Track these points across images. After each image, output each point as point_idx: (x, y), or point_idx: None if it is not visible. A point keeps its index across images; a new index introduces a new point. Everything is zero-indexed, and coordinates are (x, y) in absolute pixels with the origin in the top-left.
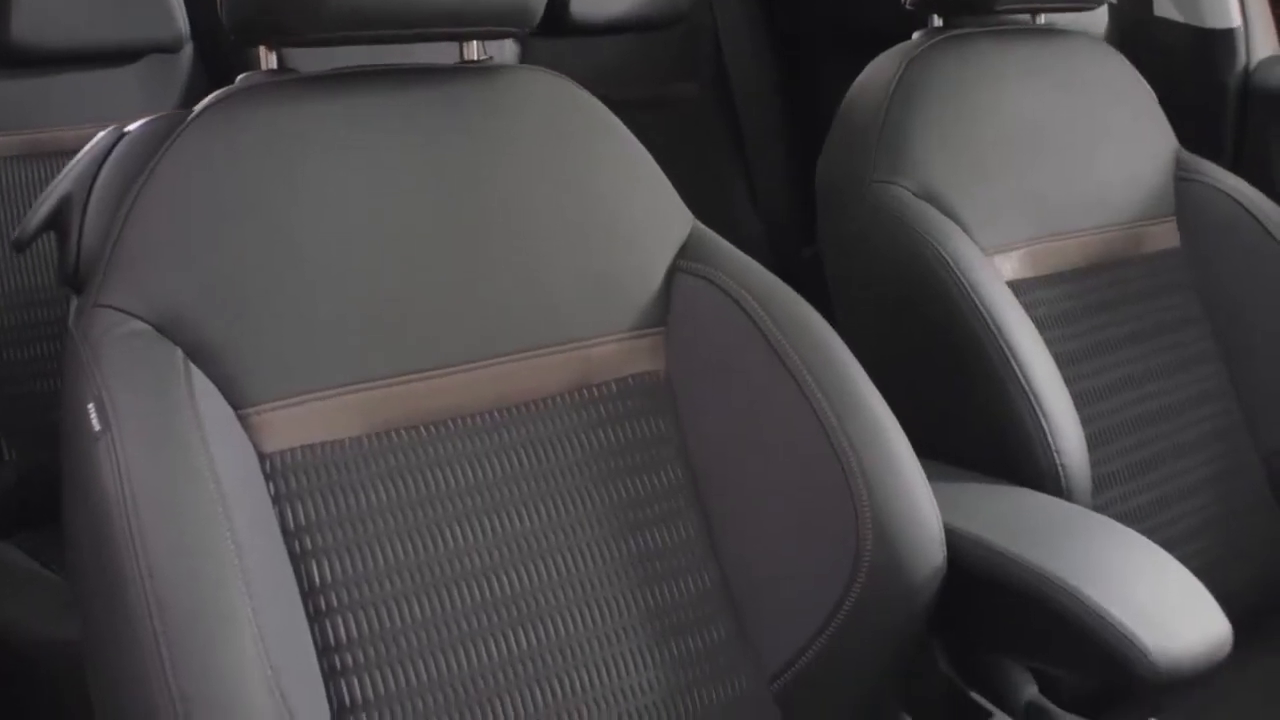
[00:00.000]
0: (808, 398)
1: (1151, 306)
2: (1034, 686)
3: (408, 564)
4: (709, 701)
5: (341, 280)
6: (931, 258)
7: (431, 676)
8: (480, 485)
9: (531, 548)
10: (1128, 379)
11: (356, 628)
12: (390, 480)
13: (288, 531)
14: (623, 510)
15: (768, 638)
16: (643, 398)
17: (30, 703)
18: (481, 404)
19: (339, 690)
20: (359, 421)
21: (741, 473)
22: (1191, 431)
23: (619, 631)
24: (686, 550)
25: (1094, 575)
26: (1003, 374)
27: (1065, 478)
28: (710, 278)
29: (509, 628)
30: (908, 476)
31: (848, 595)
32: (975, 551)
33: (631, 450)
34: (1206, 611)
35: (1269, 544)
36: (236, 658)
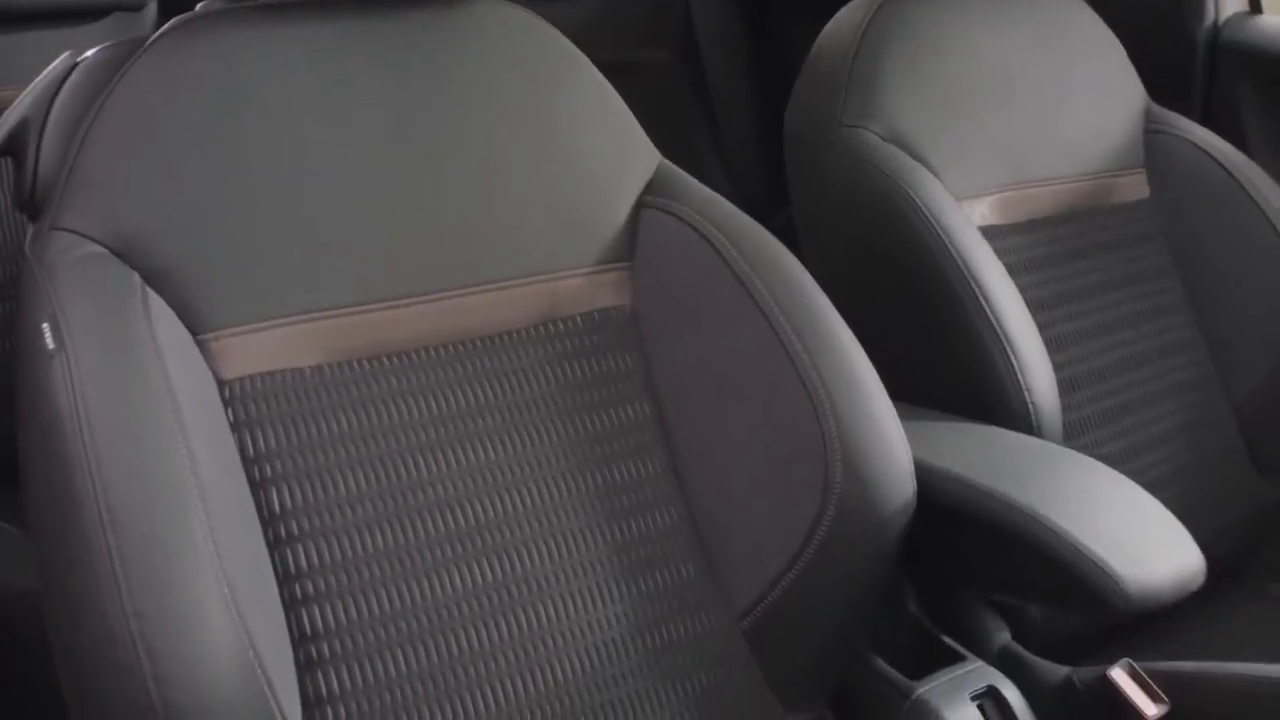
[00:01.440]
0: (776, 332)
1: (1121, 256)
2: (1006, 633)
3: (369, 494)
4: (677, 636)
5: (300, 207)
6: (901, 200)
7: (394, 607)
8: (444, 417)
9: (496, 480)
10: (1098, 327)
11: (317, 556)
12: (352, 410)
13: (247, 458)
14: (589, 444)
15: (737, 574)
16: (609, 332)
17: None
18: (445, 336)
19: (299, 619)
20: (320, 350)
21: (709, 408)
22: (1162, 381)
23: (586, 565)
24: (653, 485)
25: (1065, 506)
26: (973, 314)
27: (1036, 417)
28: (678, 213)
29: (473, 559)
30: (877, 410)
31: (817, 529)
32: (945, 485)
33: (597, 385)
34: (1179, 541)
35: (1241, 493)
36: (193, 575)
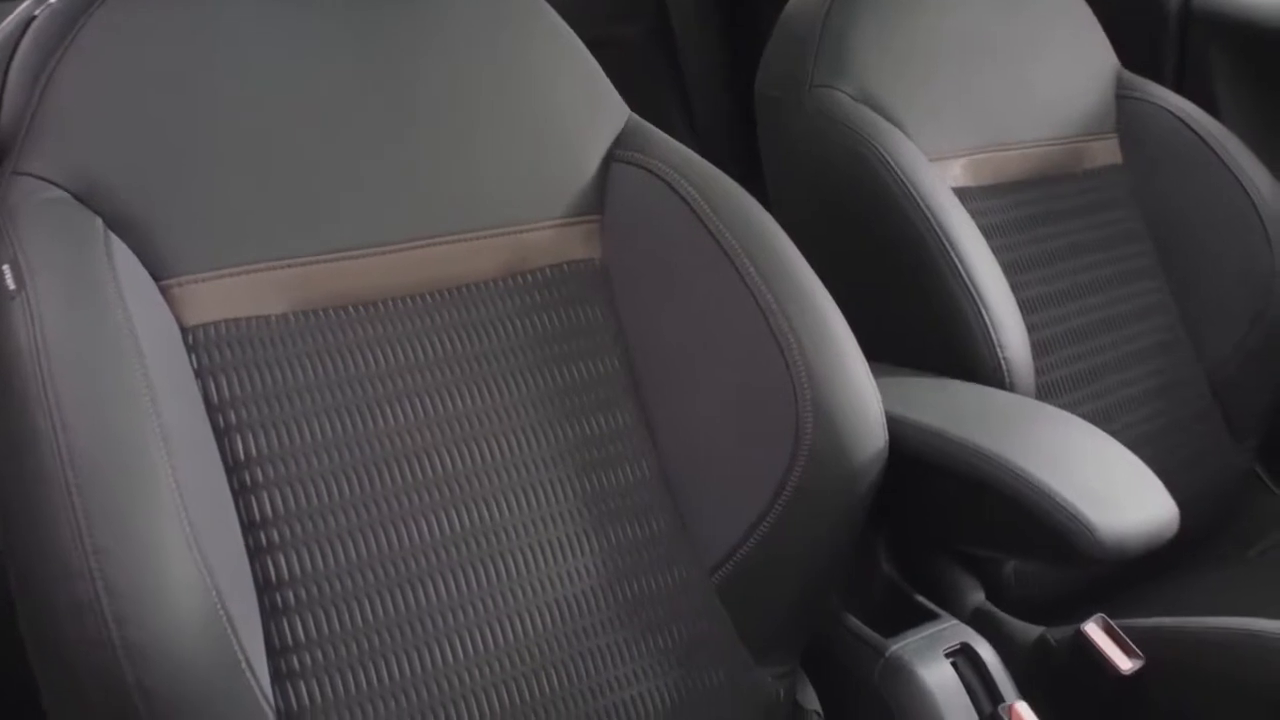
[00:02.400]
0: (747, 283)
1: (1093, 221)
2: (980, 593)
3: (336, 442)
4: (649, 590)
5: (267, 154)
6: (873, 159)
7: (360, 555)
8: (411, 367)
9: (463, 431)
10: (1070, 290)
11: (282, 503)
12: (318, 358)
13: (211, 405)
14: (558, 396)
15: (708, 527)
16: (578, 285)
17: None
18: (412, 286)
19: (264, 566)
20: (285, 298)
21: (680, 361)
22: (1135, 344)
23: (555, 517)
24: (623, 438)
25: (1038, 456)
26: (946, 272)
27: (1009, 374)
28: (648, 166)
29: (440, 509)
30: (848, 361)
31: (788, 480)
32: (917, 436)
33: (567, 337)
34: (1152, 491)
35: (1215, 456)
36: (153, 512)
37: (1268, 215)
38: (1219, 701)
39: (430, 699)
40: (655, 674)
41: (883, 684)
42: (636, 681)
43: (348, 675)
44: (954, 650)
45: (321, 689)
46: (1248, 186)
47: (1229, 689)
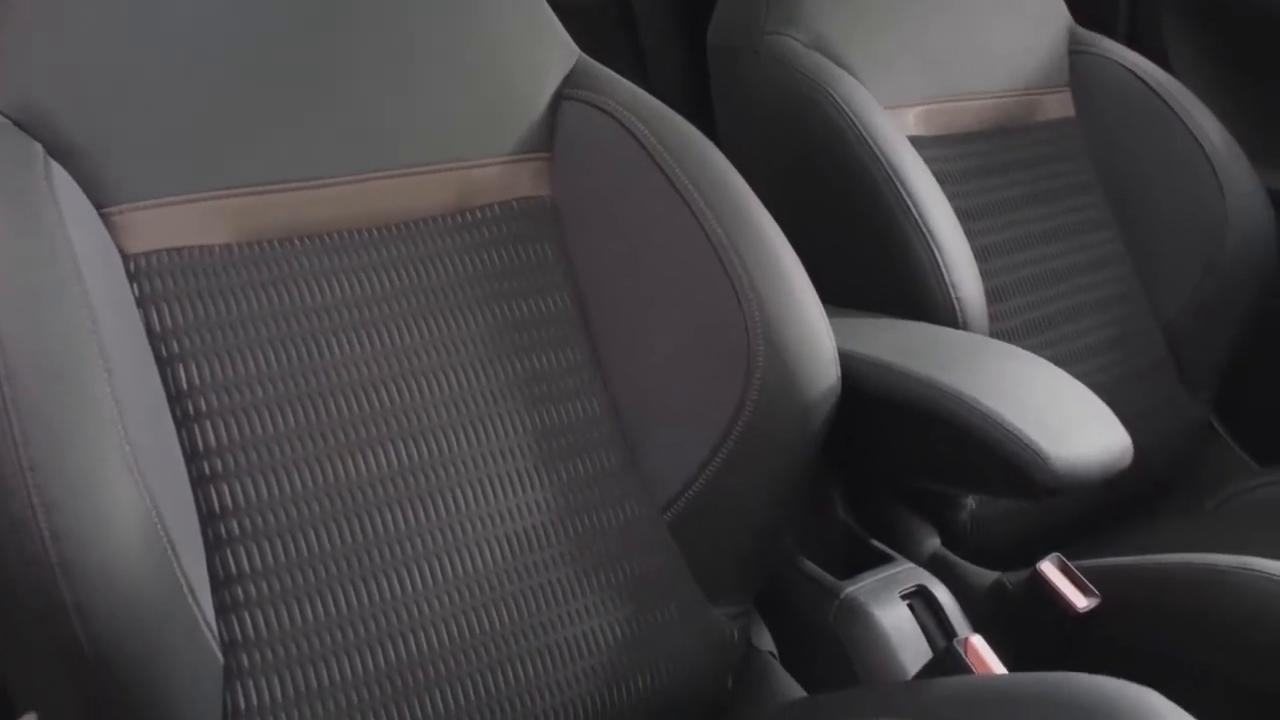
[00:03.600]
0: (698, 218)
1: (1047, 172)
2: (936, 539)
3: (280, 373)
4: (600, 526)
5: (209, 84)
6: (826, 104)
7: (306, 486)
8: (358, 300)
9: (411, 364)
10: (1024, 239)
11: (226, 433)
12: (263, 289)
13: (153, 334)
14: (507, 332)
15: (660, 464)
16: (527, 222)
17: None
18: (359, 219)
19: (208, 496)
20: (229, 228)
21: (631, 298)
22: (1089, 294)
23: (504, 452)
24: (574, 375)
25: (990, 387)
26: (898, 213)
27: (963, 314)
28: (599, 104)
29: (387, 442)
30: (800, 295)
31: (740, 415)
32: (870, 371)
33: (516, 274)
34: (1105, 421)
35: (1170, 407)
36: (91, 430)
37: (1219, 165)
38: (1175, 637)
39: (379, 631)
40: (607, 610)
41: (838, 625)
42: (588, 617)
43: (294, 607)
44: (910, 592)
45: (267, 620)
46: (1199, 137)
47: (1185, 624)
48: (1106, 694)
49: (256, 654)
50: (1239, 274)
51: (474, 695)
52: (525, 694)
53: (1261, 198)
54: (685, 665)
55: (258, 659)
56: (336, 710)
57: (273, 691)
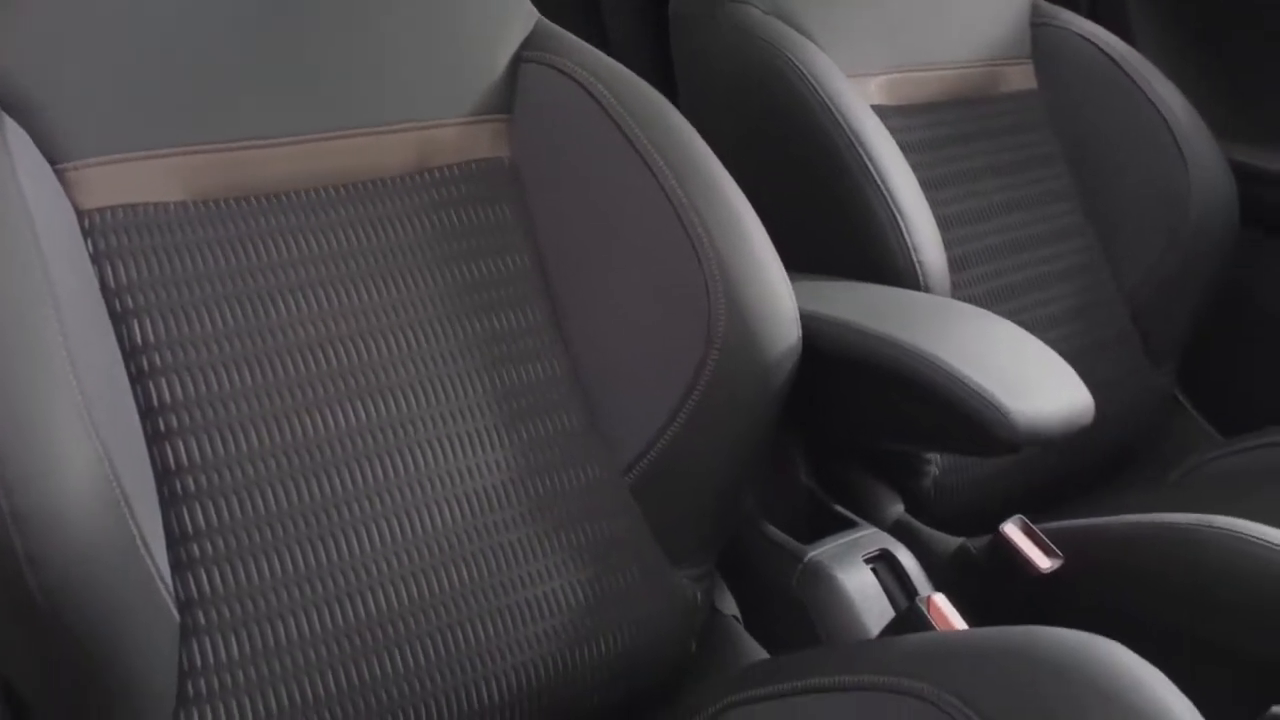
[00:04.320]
0: (658, 178)
1: (1009, 143)
2: (900, 505)
3: (236, 330)
4: (561, 487)
5: (166, 41)
6: (788, 70)
7: (263, 443)
8: (315, 258)
9: (368, 323)
10: (986, 209)
11: (181, 390)
12: (219, 246)
13: (108, 290)
14: (466, 292)
15: (621, 425)
16: (486, 183)
17: None
18: (315, 179)
19: (163, 453)
20: (185, 186)
21: (591, 259)
22: (1051, 264)
23: (464, 411)
24: (534, 335)
25: (951, 345)
26: (859, 176)
27: (924, 275)
28: (559, 66)
29: (345, 400)
30: (760, 254)
31: (700, 375)
32: (830, 331)
33: (475, 234)
34: (1067, 379)
35: (1134, 379)
36: (43, 379)
37: (1182, 137)
38: (1139, 596)
39: (336, 590)
40: (567, 571)
41: (801, 589)
42: (548, 578)
43: (250, 564)
44: (873, 556)
45: (223, 577)
46: (1162, 109)
47: (1149, 583)
48: (1070, 646)
49: (213, 611)
50: (1202, 245)
51: (433, 654)
52: (485, 654)
53: (1224, 169)
54: (648, 627)
55: (214, 616)
56: (294, 668)
57: (229, 648)
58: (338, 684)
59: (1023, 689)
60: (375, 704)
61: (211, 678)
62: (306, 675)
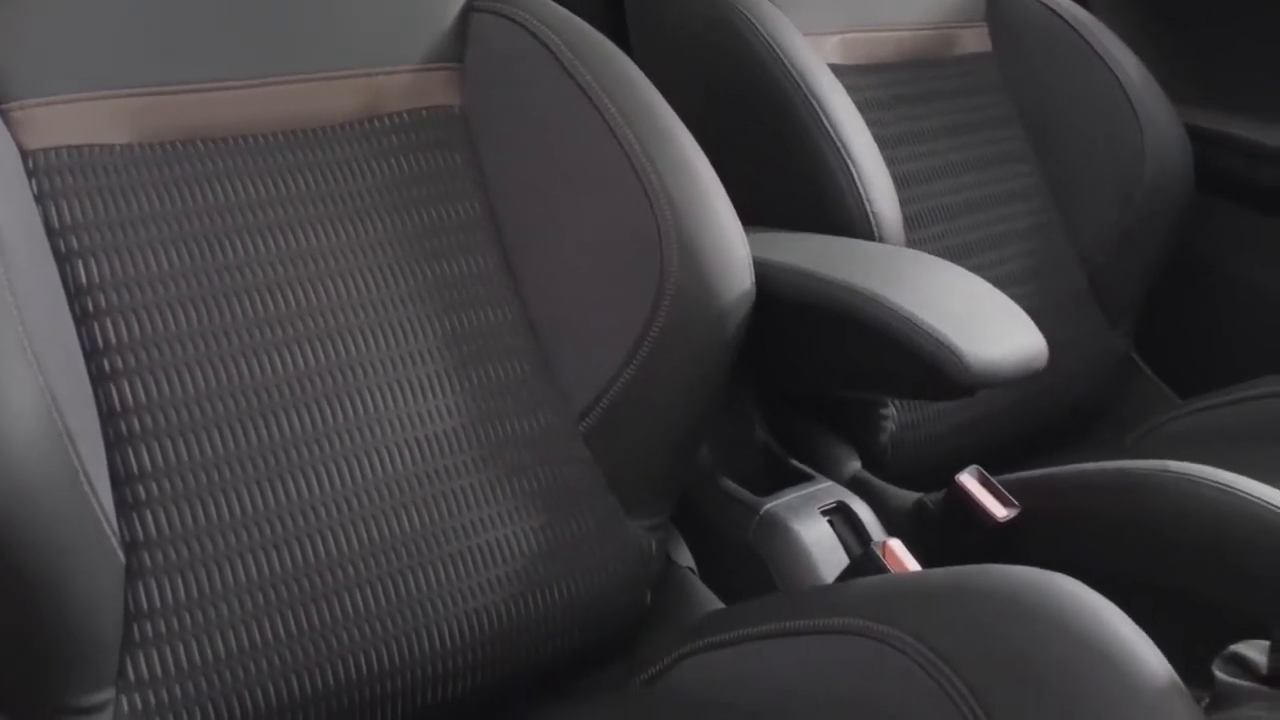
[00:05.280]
0: (611, 126)
1: (964, 104)
2: (857, 462)
3: (183, 271)
4: (513, 433)
5: None
6: (741, 26)
7: (210, 386)
8: (261, 202)
9: (318, 267)
10: (942, 168)
11: (127, 330)
12: (164, 188)
13: (52, 230)
14: (416, 238)
15: (574, 373)
16: (436, 130)
17: None
18: (263, 123)
19: (108, 393)
20: (132, 128)
21: (543, 206)
22: (1008, 224)
23: (414, 356)
24: (485, 282)
25: (905, 289)
26: (812, 129)
27: (878, 225)
28: (510, 15)
29: (292, 344)
30: (712, 199)
31: (654, 321)
32: (784, 278)
33: (424, 180)
34: (1021, 324)
35: (1091, 340)
36: None
37: (1136, 100)
38: (1097, 543)
39: (285, 533)
40: (521, 517)
41: (757, 541)
42: (501, 524)
43: (197, 506)
44: (830, 508)
45: (170, 519)
46: (1117, 72)
47: (1106, 530)
48: (1025, 582)
49: (159, 553)
50: (1157, 207)
51: (385, 599)
52: (438, 599)
53: (1179, 131)
54: (602, 576)
55: (160, 558)
56: (242, 612)
57: (175, 591)
58: (287, 629)
59: (978, 625)
60: (326, 649)
61: (158, 621)
62: (255, 620)
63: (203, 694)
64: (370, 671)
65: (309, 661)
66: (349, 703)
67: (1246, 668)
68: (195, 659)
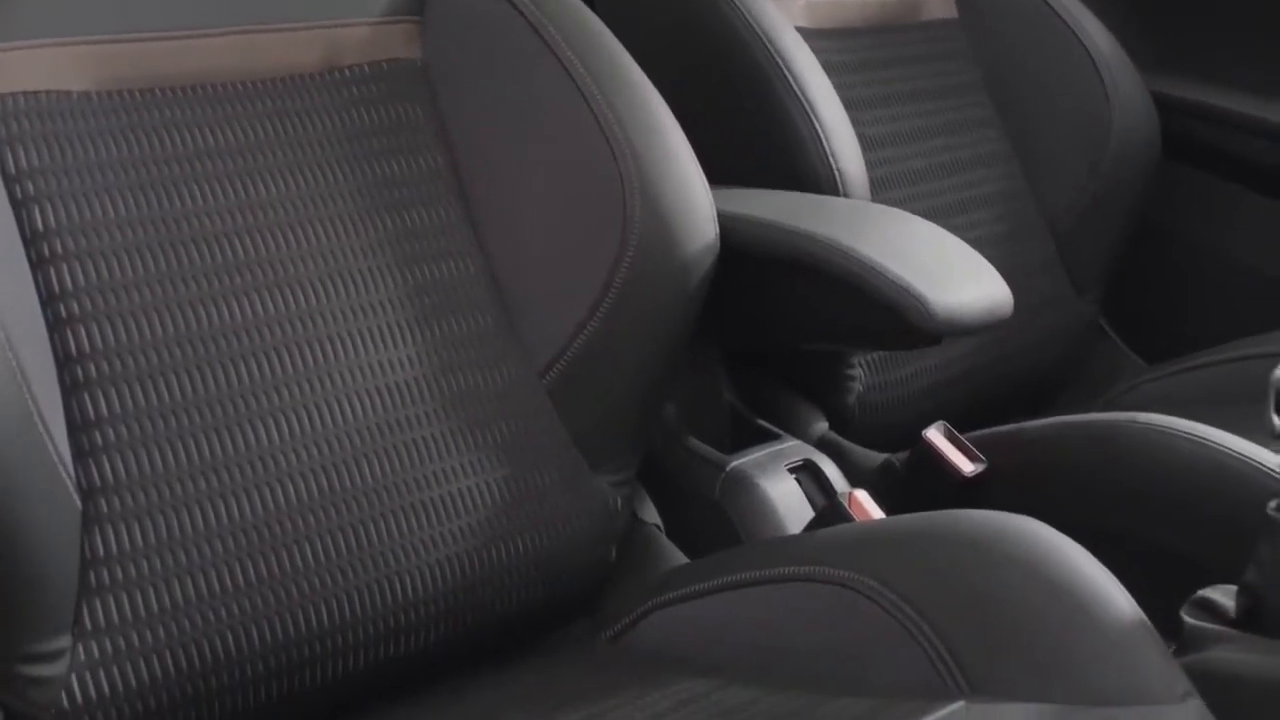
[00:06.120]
0: (574, 78)
1: (931, 70)
2: (824, 423)
3: (140, 218)
4: (476, 386)
5: None
6: None
7: (167, 332)
8: (221, 151)
9: (276, 216)
10: (910, 132)
11: (84, 276)
12: (122, 135)
13: (8, 176)
14: (376, 189)
15: (537, 326)
16: (397, 82)
17: None
18: (224, 73)
19: (64, 339)
20: (89, 76)
21: (505, 159)
22: (975, 189)
23: (374, 306)
24: (448, 234)
25: (869, 238)
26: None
27: (843, 182)
28: None
29: (252, 291)
30: (675, 149)
31: (617, 272)
32: (749, 230)
33: (385, 132)
34: (986, 272)
35: (1059, 306)
36: None
37: (1103, 66)
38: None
39: (243, 480)
40: (483, 470)
41: (724, 498)
42: (463, 475)
43: (154, 452)
44: (796, 466)
45: (126, 465)
46: (1084, 39)
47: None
48: (991, 525)
49: (115, 499)
50: (1123, 173)
51: (344, 549)
52: (399, 550)
53: (1145, 98)
54: (566, 530)
55: (116, 504)
56: (200, 559)
57: (132, 538)
58: (245, 576)
59: (943, 568)
60: (285, 597)
61: (115, 567)
62: (214, 567)
63: (160, 641)
64: (331, 622)
65: (268, 610)
66: (309, 653)
67: (1215, 612)
68: (153, 606)
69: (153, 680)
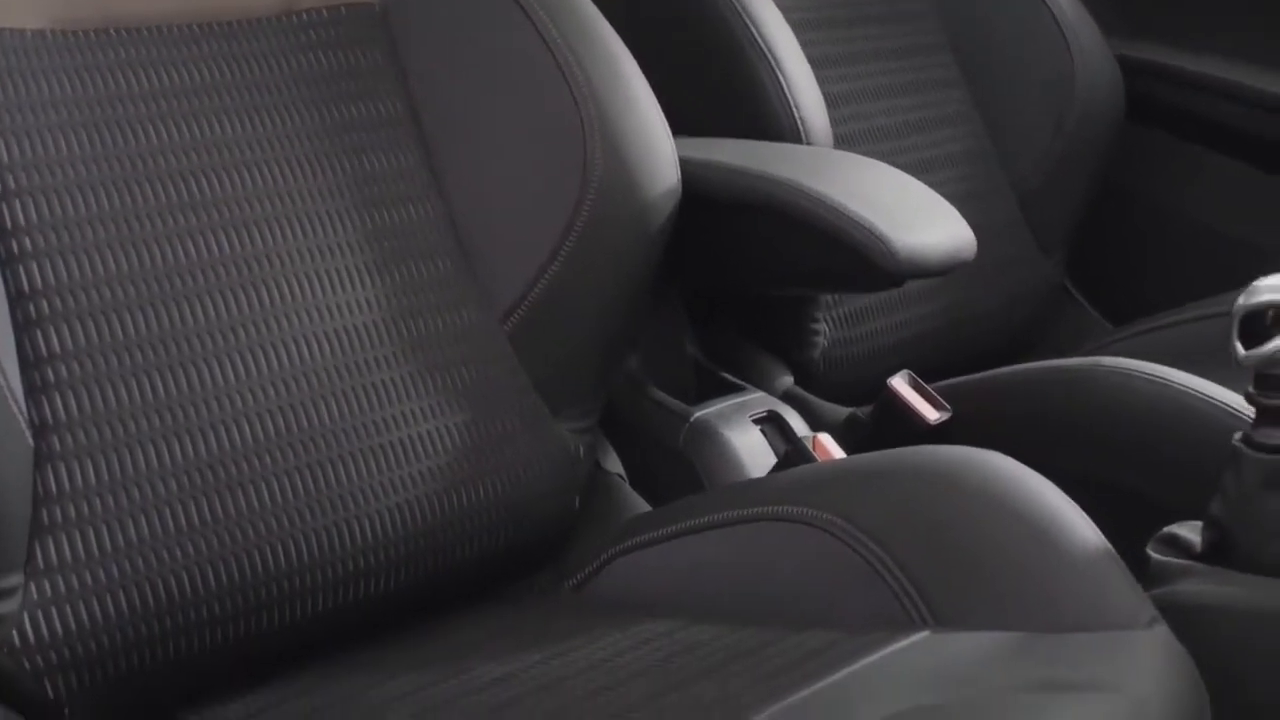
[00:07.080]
0: (534, 22)
1: (895, 29)
2: (789, 378)
3: (93, 155)
4: (436, 330)
5: None
6: None
7: (121, 269)
8: (177, 91)
9: (232, 156)
10: (874, 90)
11: (36, 213)
12: (77, 74)
13: None
14: (335, 133)
15: (498, 271)
16: (354, 27)
17: None
18: (180, 15)
19: (15, 275)
20: (44, 14)
21: (465, 105)
22: (940, 149)
23: (332, 249)
24: (406, 179)
25: (832, 181)
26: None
27: (805, 131)
28: None
29: (205, 231)
30: (637, 94)
31: (578, 215)
32: (711, 175)
33: (344, 77)
34: (949, 216)
35: (1024, 267)
36: None
37: (1067, 28)
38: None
39: (199, 419)
40: (443, 414)
41: (688, 448)
42: (423, 419)
43: (108, 390)
44: (761, 417)
45: (80, 403)
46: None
47: (1041, 429)
48: (955, 459)
49: (68, 436)
50: (1087, 134)
51: (301, 491)
52: (357, 493)
53: (1109, 59)
54: (528, 476)
55: (69, 441)
56: (154, 498)
57: (85, 476)
58: (201, 516)
59: (907, 503)
60: (241, 538)
61: (68, 505)
62: (168, 506)
63: (114, 580)
64: (288, 564)
65: (223, 551)
66: (266, 596)
67: (1180, 547)
68: (105, 545)
69: (106, 619)
